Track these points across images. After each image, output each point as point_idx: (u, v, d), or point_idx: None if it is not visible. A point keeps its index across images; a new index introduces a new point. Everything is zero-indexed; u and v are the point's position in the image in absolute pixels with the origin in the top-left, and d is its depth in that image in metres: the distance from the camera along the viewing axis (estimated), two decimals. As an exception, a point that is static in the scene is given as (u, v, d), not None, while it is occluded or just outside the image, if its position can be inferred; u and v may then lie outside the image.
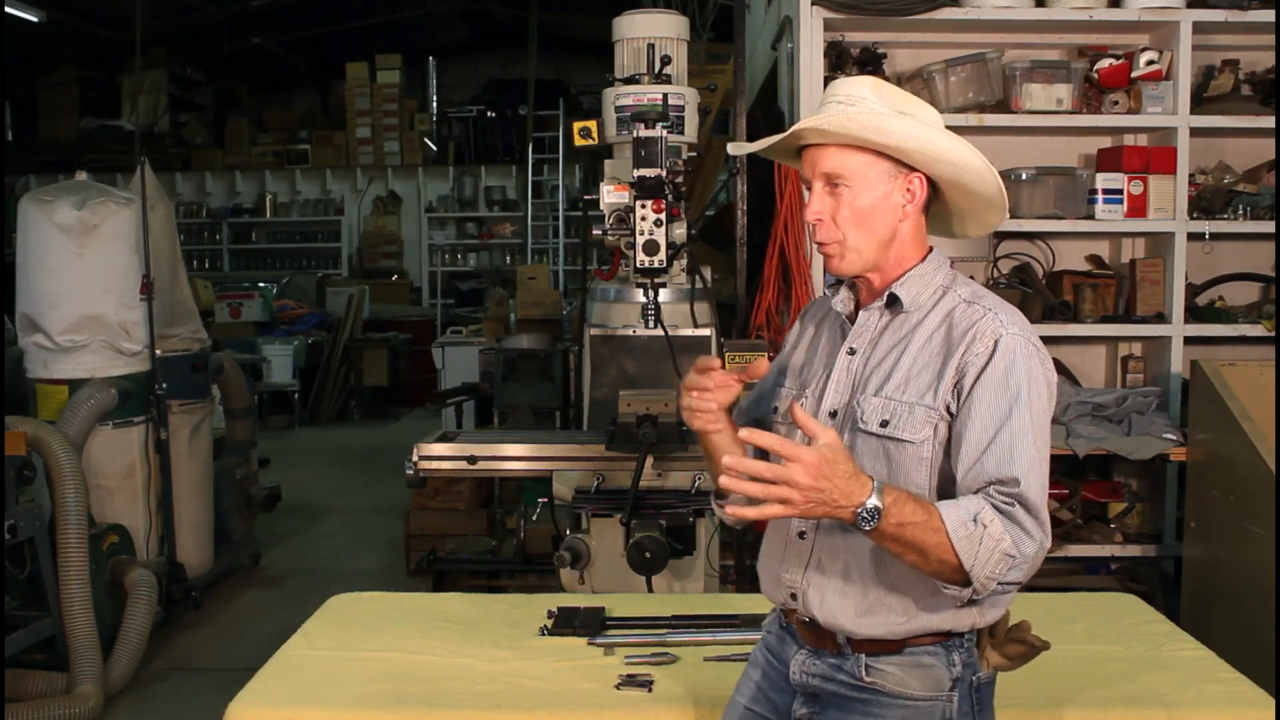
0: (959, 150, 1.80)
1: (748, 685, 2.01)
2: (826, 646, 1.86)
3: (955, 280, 1.86)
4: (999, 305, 1.80)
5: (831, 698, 1.86)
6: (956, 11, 4.39)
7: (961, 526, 1.63)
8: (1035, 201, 4.52)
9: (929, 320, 1.81)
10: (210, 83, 14.14)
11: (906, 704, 1.81)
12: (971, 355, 1.73)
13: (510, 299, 7.86)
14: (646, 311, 3.33)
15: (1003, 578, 1.65)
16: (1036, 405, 1.72)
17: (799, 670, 1.90)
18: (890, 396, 1.78)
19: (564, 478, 3.50)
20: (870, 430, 1.79)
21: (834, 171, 1.79)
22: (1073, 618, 2.79)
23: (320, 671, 2.47)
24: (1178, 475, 4.36)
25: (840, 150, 1.79)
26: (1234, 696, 2.34)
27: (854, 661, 1.83)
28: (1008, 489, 1.67)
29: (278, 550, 6.24)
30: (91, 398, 4.51)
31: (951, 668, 1.81)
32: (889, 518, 1.60)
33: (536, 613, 2.79)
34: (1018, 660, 1.86)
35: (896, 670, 1.81)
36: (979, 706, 1.85)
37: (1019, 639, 1.86)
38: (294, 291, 11.40)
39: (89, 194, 4.74)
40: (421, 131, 13.35)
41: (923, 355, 1.79)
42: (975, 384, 1.72)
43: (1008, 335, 1.73)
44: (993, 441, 1.69)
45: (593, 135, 3.62)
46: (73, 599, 3.96)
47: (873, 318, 1.87)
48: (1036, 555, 1.67)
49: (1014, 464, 1.67)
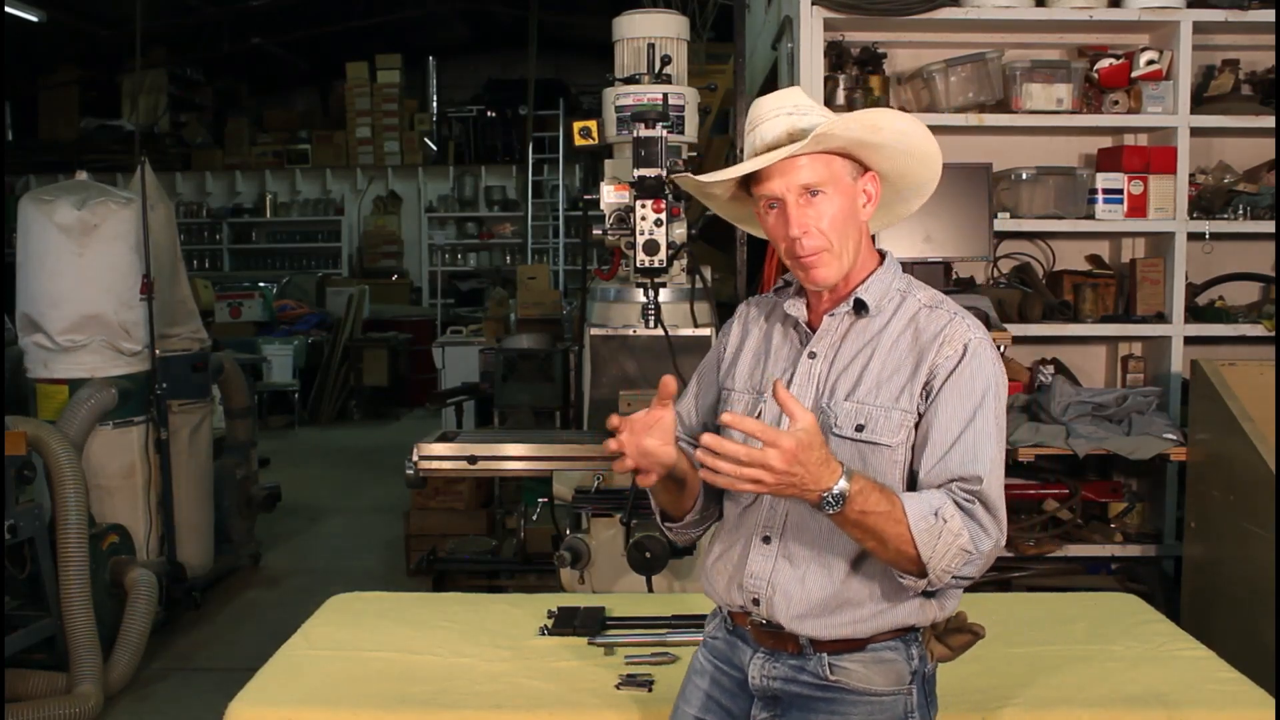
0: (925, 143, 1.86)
1: (695, 694, 1.99)
2: (786, 648, 1.86)
3: (910, 284, 1.90)
4: (960, 310, 1.85)
5: (794, 699, 1.86)
6: (956, 11, 4.39)
7: (922, 519, 1.66)
8: (1035, 201, 4.52)
9: (893, 324, 1.84)
10: (210, 83, 14.14)
11: (871, 700, 1.82)
12: (942, 358, 1.78)
13: (510, 299, 7.86)
14: (646, 311, 3.33)
15: (958, 572, 1.69)
16: (999, 407, 1.77)
17: (758, 674, 1.89)
18: (863, 401, 1.80)
19: (564, 478, 3.50)
20: (845, 435, 1.80)
21: (813, 181, 1.79)
22: (1073, 618, 2.79)
23: (320, 671, 2.47)
24: (1178, 475, 4.36)
25: (820, 158, 1.80)
26: (1234, 696, 2.34)
27: (817, 661, 1.83)
28: (970, 486, 1.71)
29: (278, 550, 6.24)
30: (91, 398, 4.51)
31: (910, 661, 1.83)
32: (853, 505, 1.64)
33: (536, 613, 2.79)
34: (959, 649, 1.88)
35: (860, 667, 1.82)
36: (929, 698, 1.88)
37: (960, 628, 1.88)
38: (294, 291, 11.40)
39: (89, 194, 4.74)
40: (421, 131, 13.35)
41: (891, 359, 1.81)
42: (944, 385, 1.76)
43: (975, 340, 1.79)
44: (958, 440, 1.73)
45: (593, 135, 3.63)
46: (73, 599, 3.96)
47: (835, 322, 1.87)
48: (991, 552, 1.71)
49: (977, 462, 1.72)
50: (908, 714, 1.83)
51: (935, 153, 1.88)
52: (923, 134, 1.85)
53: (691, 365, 3.42)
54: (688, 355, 3.60)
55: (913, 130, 1.84)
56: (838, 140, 1.79)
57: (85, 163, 8.37)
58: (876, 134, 1.80)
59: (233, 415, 5.95)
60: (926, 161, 1.88)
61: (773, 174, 1.80)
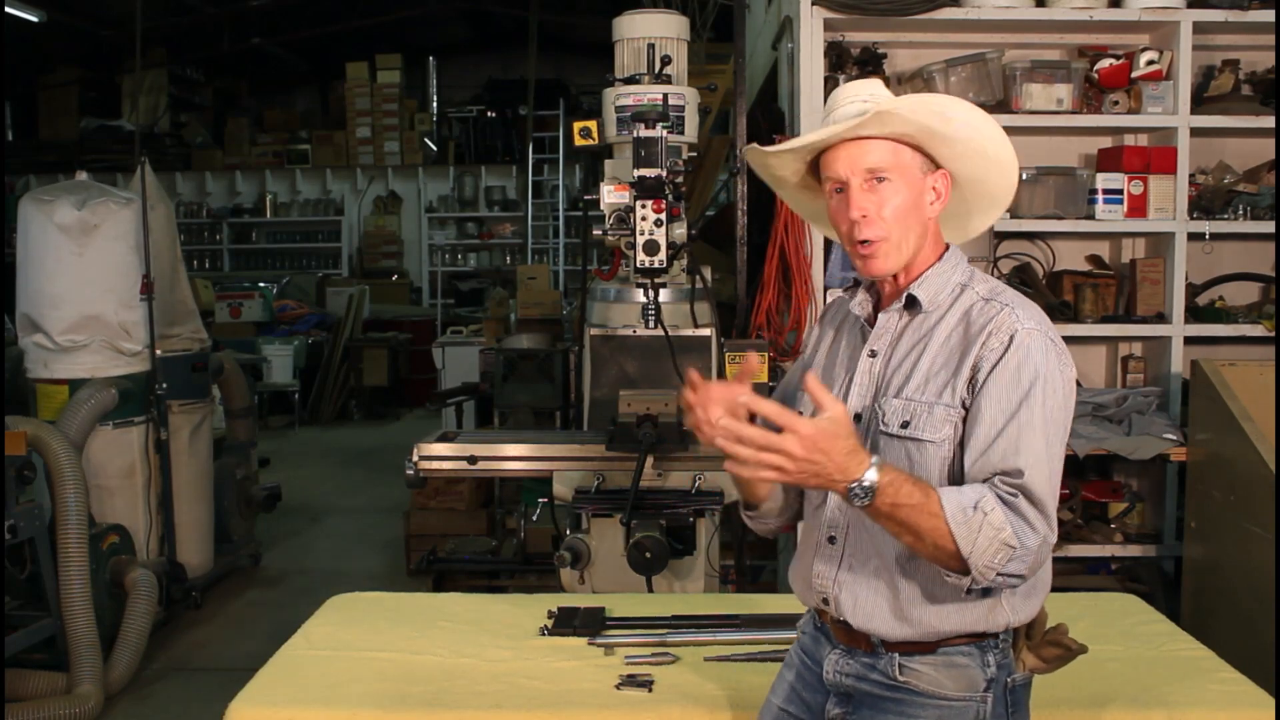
0: (1000, 144, 1.81)
1: (782, 686, 2.01)
2: (860, 646, 1.86)
3: (973, 277, 1.85)
4: (1017, 300, 1.79)
5: (865, 697, 1.86)
6: (956, 11, 4.39)
7: (960, 512, 1.63)
8: (1035, 201, 4.52)
9: (948, 319, 1.80)
10: (210, 83, 14.13)
11: (940, 704, 1.79)
12: (987, 350, 1.73)
13: (510, 299, 7.86)
14: (646, 311, 3.33)
15: (1002, 568, 1.64)
16: (1050, 400, 1.71)
17: (832, 670, 1.89)
18: (910, 397, 1.78)
19: (564, 478, 3.50)
20: (891, 432, 1.78)
21: (880, 166, 1.77)
22: (1073, 618, 2.76)
23: (320, 671, 2.47)
24: (1178, 475, 4.36)
25: (887, 144, 1.77)
26: (1234, 696, 2.34)
27: (887, 661, 1.82)
28: (1012, 479, 1.66)
29: (278, 550, 6.24)
30: (91, 398, 4.51)
31: (986, 668, 1.80)
32: (883, 496, 1.61)
33: (536, 613, 2.79)
34: (1054, 663, 1.85)
35: (930, 670, 1.80)
36: (1014, 708, 1.84)
37: (1055, 641, 1.85)
38: (294, 291, 11.41)
39: (89, 194, 4.74)
40: (421, 131, 13.35)
41: (941, 354, 1.78)
42: (989, 377, 1.72)
43: (1024, 330, 1.73)
44: (1001, 433, 1.69)
45: (593, 135, 3.62)
46: (73, 599, 3.97)
47: (892, 319, 1.86)
48: (1040, 549, 1.66)
49: (1019, 455, 1.67)
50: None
51: (1010, 159, 1.83)
52: (997, 133, 1.81)
53: (691, 365, 3.43)
54: (688, 355, 3.60)
55: (986, 127, 1.80)
56: (903, 122, 1.75)
57: (85, 163, 8.40)
58: (947, 124, 1.76)
59: (233, 415, 5.95)
60: (1003, 169, 1.84)
61: (839, 156, 1.79)
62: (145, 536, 4.79)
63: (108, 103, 13.03)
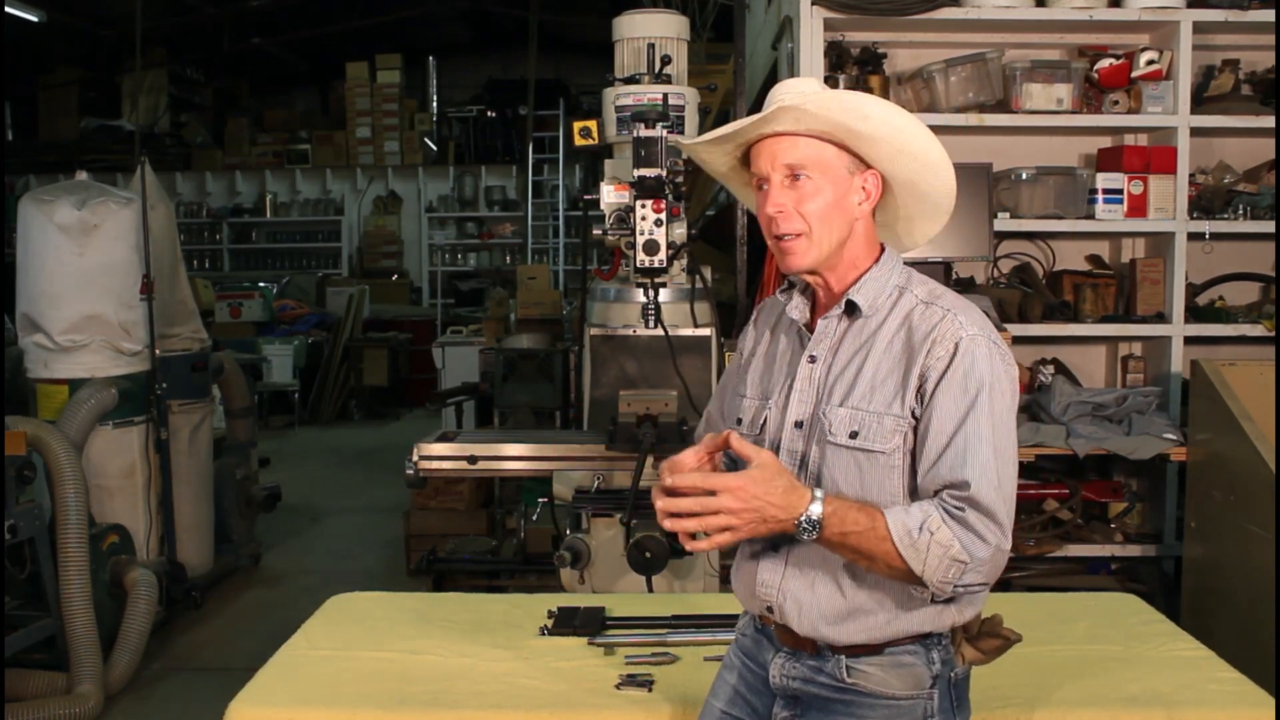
0: (926, 144, 1.79)
1: (723, 689, 2.01)
2: (806, 649, 1.86)
3: (910, 278, 1.84)
4: (957, 305, 1.78)
5: (813, 700, 1.86)
6: (956, 11, 4.39)
7: (906, 535, 1.65)
8: (1035, 201, 4.52)
9: (888, 324, 1.79)
10: (210, 83, 14.14)
11: (888, 703, 1.81)
12: (933, 360, 1.73)
13: (510, 299, 7.86)
14: (646, 311, 3.33)
15: (958, 581, 1.66)
16: (998, 405, 1.71)
17: (778, 674, 1.89)
18: (857, 406, 1.77)
19: (564, 478, 3.50)
20: (839, 442, 1.77)
21: (799, 162, 1.77)
22: (1073, 618, 2.79)
23: (320, 671, 2.47)
24: (1178, 475, 4.36)
25: (808, 140, 1.77)
26: (1234, 696, 2.34)
27: (834, 663, 1.83)
28: (959, 492, 1.67)
29: (278, 550, 6.24)
30: (91, 398, 4.51)
31: (931, 665, 1.81)
32: (830, 528, 1.65)
33: (536, 613, 2.79)
34: (992, 654, 1.86)
35: (877, 670, 1.81)
36: (958, 702, 1.86)
37: (992, 632, 1.87)
38: (294, 291, 11.41)
39: (89, 194, 4.74)
40: (421, 131, 13.35)
41: (885, 362, 1.77)
42: (936, 388, 1.72)
43: (967, 337, 1.72)
44: (948, 445, 1.69)
45: (593, 135, 3.62)
46: (73, 599, 3.96)
47: (831, 324, 1.85)
48: (994, 557, 1.67)
49: (965, 467, 1.67)
50: (927, 718, 1.81)
51: (940, 160, 1.80)
52: (921, 132, 1.79)
53: (691, 365, 3.42)
54: (688, 355, 3.60)
55: (910, 127, 1.78)
56: (814, 119, 1.74)
57: (85, 163, 8.37)
58: (864, 122, 1.75)
59: (233, 415, 5.95)
60: (933, 170, 1.81)
61: (762, 151, 1.80)
62: (145, 536, 4.79)
63: (108, 103, 13.03)
